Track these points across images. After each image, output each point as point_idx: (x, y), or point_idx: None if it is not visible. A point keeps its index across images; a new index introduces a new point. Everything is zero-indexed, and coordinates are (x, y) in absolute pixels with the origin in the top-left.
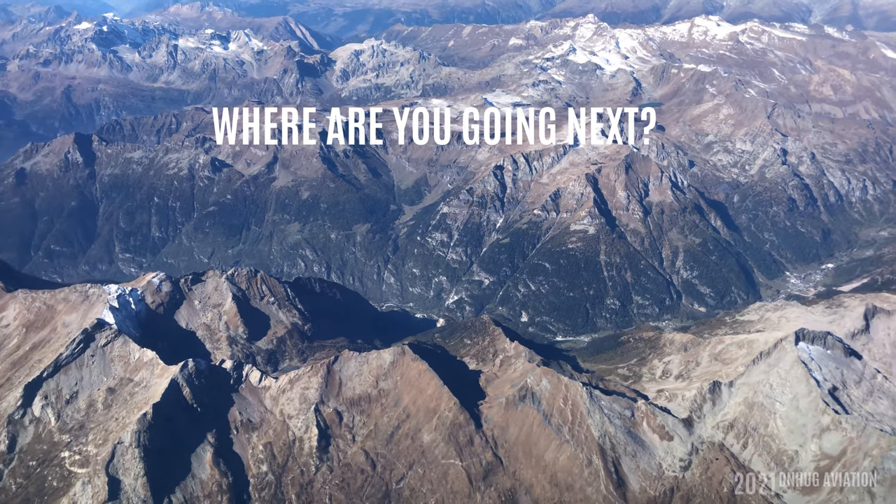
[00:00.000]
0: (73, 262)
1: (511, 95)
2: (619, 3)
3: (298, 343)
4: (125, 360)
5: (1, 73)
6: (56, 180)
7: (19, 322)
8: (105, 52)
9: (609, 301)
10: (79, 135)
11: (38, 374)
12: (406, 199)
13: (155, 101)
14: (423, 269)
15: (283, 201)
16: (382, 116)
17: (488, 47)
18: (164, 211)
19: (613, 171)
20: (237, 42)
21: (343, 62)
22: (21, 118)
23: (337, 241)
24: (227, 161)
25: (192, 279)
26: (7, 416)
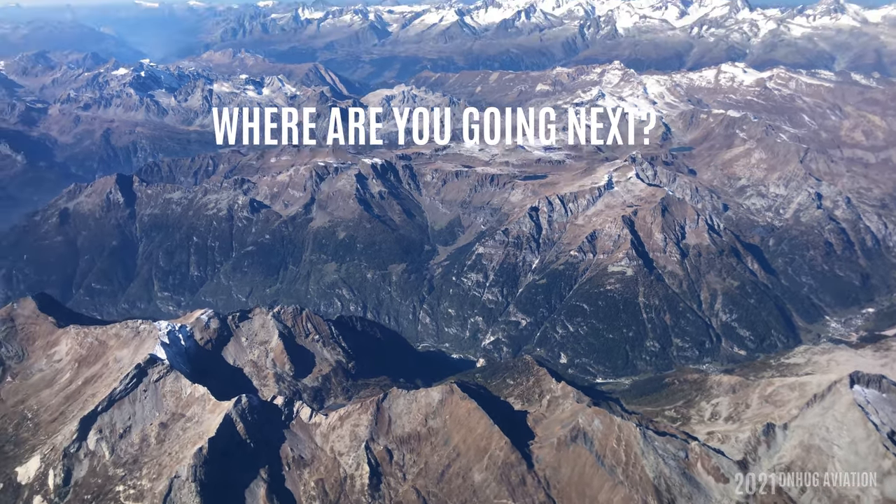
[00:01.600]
0: (112, 299)
1: (541, 139)
2: (643, 51)
3: (343, 381)
4: (177, 396)
5: (42, 117)
6: (98, 220)
7: (71, 357)
8: (142, 97)
9: (649, 343)
10: (120, 176)
11: (92, 408)
12: (440, 239)
13: (190, 144)
14: (459, 310)
15: (321, 241)
16: (416, 159)
17: (515, 93)
18: (203, 250)
19: (650, 213)
20: (270, 87)
21: (374, 107)
22: (61, 160)
23: (373, 280)
24: (266, 202)
25: (240, 316)
26: (63, 450)
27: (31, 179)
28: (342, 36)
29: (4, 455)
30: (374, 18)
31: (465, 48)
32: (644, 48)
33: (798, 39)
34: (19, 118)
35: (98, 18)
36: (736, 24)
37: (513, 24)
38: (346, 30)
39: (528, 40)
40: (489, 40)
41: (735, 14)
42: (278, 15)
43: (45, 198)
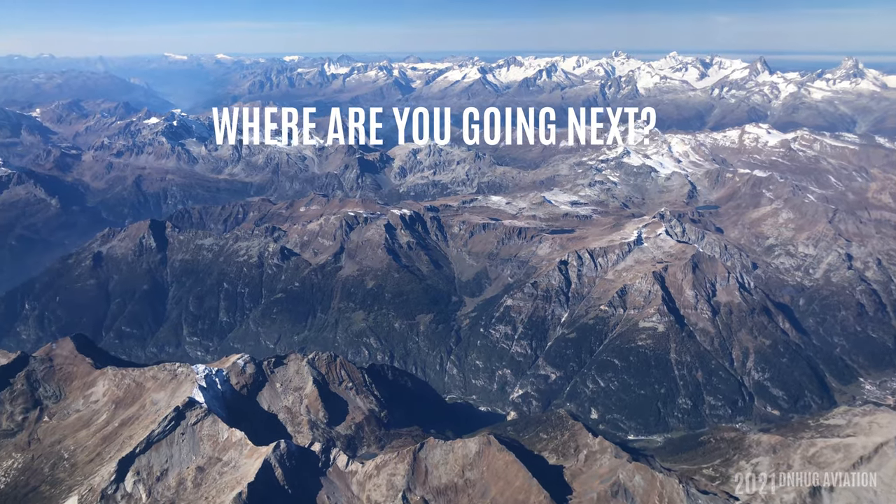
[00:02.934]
0: (141, 343)
1: (568, 194)
2: (664, 111)
3: (376, 430)
4: (214, 440)
5: (76, 163)
6: (130, 264)
7: (108, 398)
8: (174, 145)
9: (681, 400)
10: (153, 221)
11: (130, 449)
12: (467, 290)
13: (220, 192)
14: (487, 362)
15: (349, 290)
16: (443, 211)
17: (539, 149)
18: (233, 296)
19: (680, 269)
20: (299, 138)
21: (401, 160)
22: (93, 205)
23: (400, 330)
24: (296, 250)
25: (275, 362)
26: (100, 491)
27: (64, 223)
28: (367, 91)
29: (41, 495)
30: (398, 74)
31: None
32: (665, 108)
33: (819, 102)
34: (54, 164)
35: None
36: (756, 86)
37: (534, 82)
38: (371, 85)
39: (549, 98)
40: (511, 97)
41: (755, 77)
42: (304, 69)
43: (77, 241)
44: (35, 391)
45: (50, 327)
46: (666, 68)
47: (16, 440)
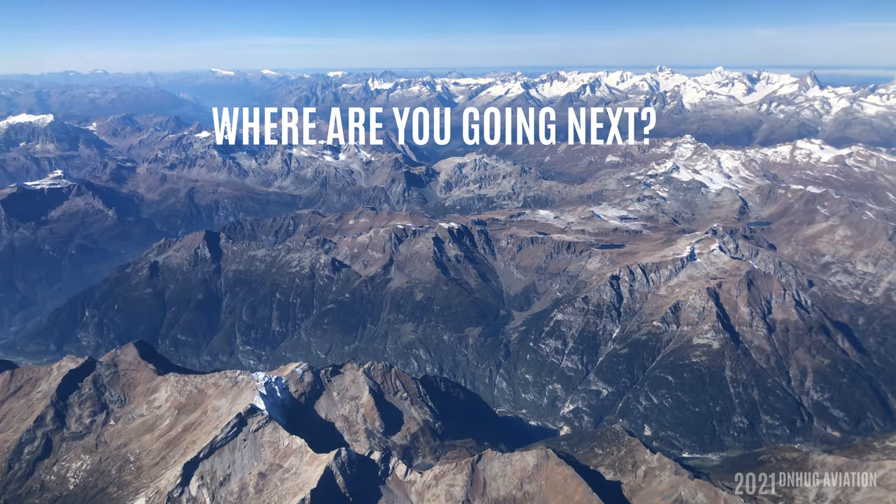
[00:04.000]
0: (196, 351)
1: (617, 209)
2: (711, 126)
3: (431, 440)
4: (275, 447)
5: (131, 175)
6: (185, 274)
7: (171, 404)
8: (225, 158)
9: (737, 419)
10: (208, 232)
11: (194, 454)
12: (515, 304)
13: (269, 205)
14: (537, 376)
15: (398, 302)
16: (491, 225)
17: (585, 163)
18: (285, 306)
19: (735, 286)
20: (347, 153)
21: (447, 174)
22: (148, 216)
23: (449, 342)
24: (346, 262)
25: (332, 371)
26: (167, 494)
27: (120, 233)
28: (410, 106)
29: (109, 496)
30: (441, 89)
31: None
32: (712, 123)
33: (873, 118)
34: (111, 176)
35: (177, 85)
36: (806, 101)
37: (577, 97)
38: (414, 100)
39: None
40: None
41: (804, 92)
42: (349, 85)
43: (132, 251)
44: (101, 395)
45: (109, 334)
46: (712, 83)
47: (84, 442)
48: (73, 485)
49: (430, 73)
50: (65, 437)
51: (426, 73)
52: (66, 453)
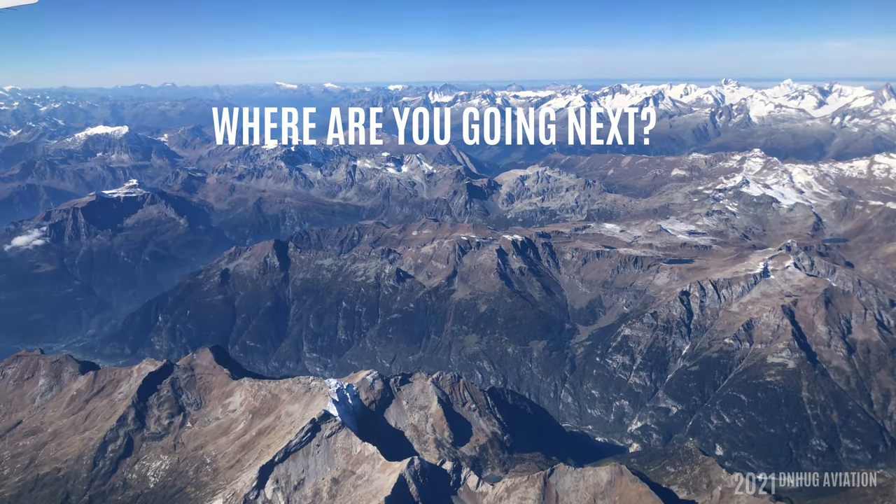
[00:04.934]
0: (264, 357)
1: (685, 223)
2: (780, 140)
3: (499, 453)
4: (347, 453)
5: (201, 185)
6: (255, 281)
7: (245, 408)
8: (291, 170)
9: (814, 442)
10: (277, 241)
11: (269, 458)
12: (580, 318)
13: (334, 215)
14: (604, 392)
15: (462, 313)
16: (555, 237)
17: (650, 177)
18: (351, 315)
19: (811, 304)
20: (409, 165)
21: (509, 186)
22: (217, 225)
23: (514, 355)
24: (410, 272)
25: (401, 380)
26: (243, 496)
27: (191, 241)
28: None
29: (186, 496)
30: (501, 102)
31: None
32: (781, 137)
33: None
34: (182, 185)
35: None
36: (882, 114)
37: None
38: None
39: (656, 126)
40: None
41: (880, 105)
42: (409, 98)
43: (203, 259)
44: (179, 398)
45: (181, 339)
46: (780, 96)
47: (163, 443)
48: (153, 483)
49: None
50: (145, 437)
51: (486, 86)
52: (147, 453)
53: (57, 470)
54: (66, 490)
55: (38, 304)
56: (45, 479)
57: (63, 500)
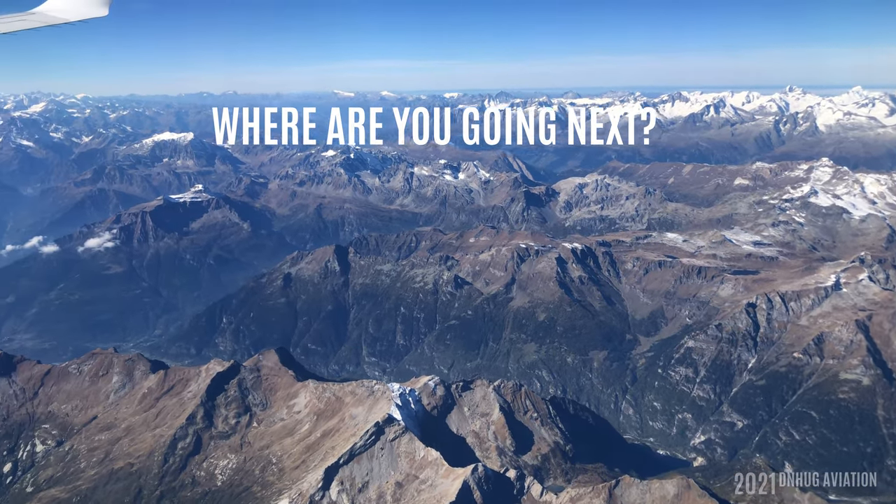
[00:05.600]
0: (324, 360)
1: (750, 234)
2: (849, 149)
3: (561, 462)
4: (411, 457)
5: (263, 191)
6: (316, 285)
7: (310, 409)
8: (350, 176)
9: (891, 462)
10: (338, 246)
11: (334, 460)
12: (641, 329)
13: (391, 221)
14: (666, 404)
15: (520, 321)
16: (616, 246)
17: (712, 186)
18: (409, 321)
19: (888, 319)
20: (466, 172)
21: (567, 194)
22: (278, 230)
23: (573, 365)
24: (468, 279)
25: (462, 386)
26: (309, 497)
27: (253, 245)
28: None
29: (253, 495)
30: (558, 110)
31: (651, 140)
32: (850, 146)
33: None
34: (245, 191)
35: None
36: None
37: (701, 118)
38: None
39: (717, 134)
40: (676, 133)
41: None
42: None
43: (265, 263)
44: (245, 398)
45: (244, 341)
46: (849, 104)
47: (230, 442)
48: (221, 481)
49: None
50: (213, 435)
51: (541, 94)
52: (214, 451)
53: (130, 465)
54: (139, 485)
55: (108, 304)
56: (119, 474)
57: (136, 494)
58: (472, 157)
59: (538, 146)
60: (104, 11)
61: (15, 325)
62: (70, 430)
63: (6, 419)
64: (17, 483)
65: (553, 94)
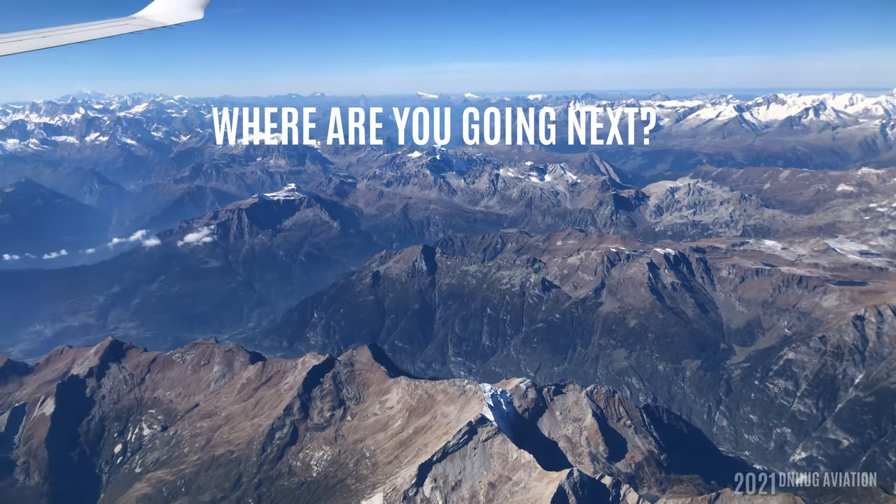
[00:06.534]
0: (410, 358)
1: (855, 242)
2: None
3: (656, 472)
4: (503, 459)
5: (352, 191)
6: (403, 284)
7: (402, 406)
8: (436, 177)
9: None
10: (425, 247)
11: (427, 457)
12: (736, 339)
13: (476, 223)
14: (763, 417)
15: (610, 326)
16: (710, 253)
17: (811, 192)
18: (495, 322)
19: None
20: (552, 174)
21: (657, 198)
22: (366, 229)
23: (665, 373)
24: (555, 282)
25: (554, 390)
26: (403, 492)
27: (342, 244)
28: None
29: (347, 487)
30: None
31: (744, 144)
32: None
33: None
34: (334, 190)
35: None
36: None
37: (798, 121)
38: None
39: (817, 139)
40: (771, 137)
41: None
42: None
43: (353, 261)
44: (340, 392)
45: (334, 336)
46: None
47: (325, 434)
48: (316, 472)
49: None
50: (308, 427)
51: (627, 96)
52: (310, 442)
53: (230, 452)
54: (239, 472)
55: (205, 297)
56: (220, 460)
57: (235, 480)
58: (557, 159)
59: (625, 149)
60: (199, 15)
61: (120, 314)
62: (174, 415)
63: (117, 402)
64: (127, 463)
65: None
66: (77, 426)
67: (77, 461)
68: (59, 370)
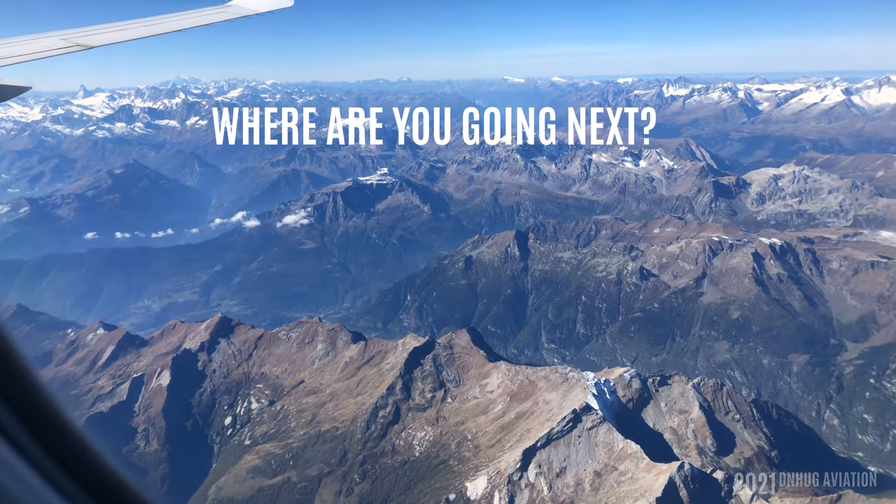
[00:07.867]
0: (503, 343)
1: None
2: None
3: (766, 469)
4: (609, 448)
5: (441, 175)
6: (496, 269)
7: (503, 390)
8: (526, 162)
9: None
10: (518, 232)
11: (531, 442)
12: (848, 334)
13: (567, 209)
14: (878, 417)
15: (711, 317)
16: (819, 243)
17: None
18: (590, 310)
19: None
20: (648, 160)
21: (759, 185)
22: (455, 213)
23: (770, 367)
24: (653, 271)
25: (660, 381)
26: (507, 476)
27: (432, 228)
28: (708, 113)
29: (449, 468)
30: (744, 96)
31: (852, 129)
32: None
33: None
34: (424, 175)
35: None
36: None
37: None
38: (713, 107)
39: None
40: (884, 122)
41: None
42: (641, 91)
43: (443, 245)
44: (440, 374)
45: (427, 318)
46: None
47: (426, 415)
48: (419, 452)
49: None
50: (410, 407)
51: (722, 79)
52: (412, 422)
53: (335, 428)
54: (344, 448)
55: (302, 277)
56: (325, 436)
57: (341, 456)
58: (652, 144)
59: (722, 134)
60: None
61: (222, 292)
62: (280, 391)
63: (226, 376)
64: (237, 435)
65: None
66: (190, 398)
67: (191, 431)
68: (173, 343)
